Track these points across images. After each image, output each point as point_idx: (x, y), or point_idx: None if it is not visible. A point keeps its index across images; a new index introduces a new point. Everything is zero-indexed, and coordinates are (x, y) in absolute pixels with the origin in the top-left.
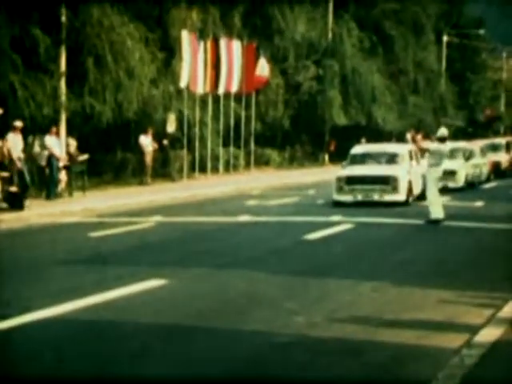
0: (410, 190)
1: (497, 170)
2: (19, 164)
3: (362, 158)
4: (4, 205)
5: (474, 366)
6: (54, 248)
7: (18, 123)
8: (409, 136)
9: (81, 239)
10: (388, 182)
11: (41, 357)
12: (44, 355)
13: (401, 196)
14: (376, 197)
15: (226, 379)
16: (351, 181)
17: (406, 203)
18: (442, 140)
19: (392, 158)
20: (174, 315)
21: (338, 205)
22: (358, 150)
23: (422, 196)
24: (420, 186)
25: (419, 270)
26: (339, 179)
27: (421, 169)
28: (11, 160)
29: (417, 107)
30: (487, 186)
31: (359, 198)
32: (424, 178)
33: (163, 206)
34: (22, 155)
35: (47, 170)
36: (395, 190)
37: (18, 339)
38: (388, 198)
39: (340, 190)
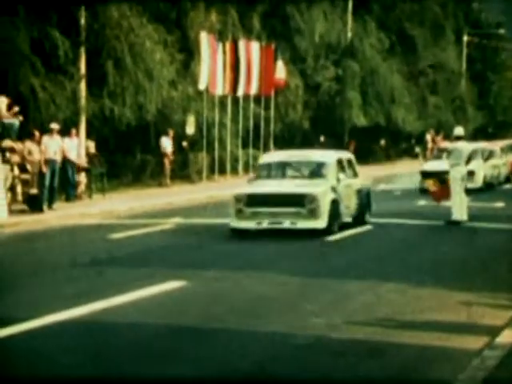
0: (334, 214)
1: None
2: (45, 168)
3: (274, 170)
4: (24, 207)
5: (495, 367)
6: (73, 250)
7: (54, 125)
8: (429, 137)
9: (100, 241)
10: (303, 202)
11: (58, 358)
12: (61, 357)
13: (320, 222)
14: (286, 223)
15: (244, 381)
16: (253, 201)
17: (327, 231)
18: (458, 138)
19: (315, 170)
20: (192, 317)
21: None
22: (269, 158)
23: (359, 218)
24: (354, 206)
25: (439, 272)
26: (238, 199)
27: (358, 182)
28: (35, 163)
29: (436, 108)
30: (507, 186)
31: (264, 224)
32: (360, 193)
33: (182, 207)
34: (57, 158)
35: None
36: (312, 213)
37: (37, 340)
38: (302, 224)
39: (239, 213)
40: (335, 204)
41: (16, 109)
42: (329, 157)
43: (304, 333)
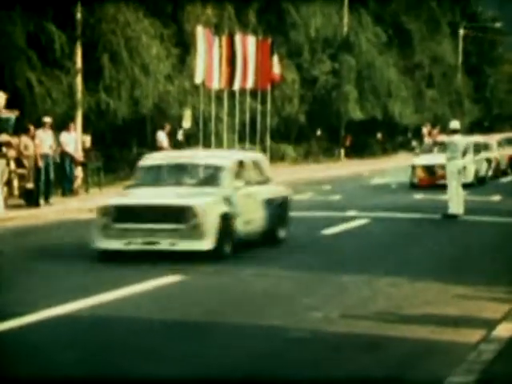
0: (226, 232)
1: None
2: (40, 162)
3: (155, 176)
4: (21, 201)
5: (491, 361)
6: (69, 244)
7: (47, 119)
8: (425, 130)
9: None
10: (183, 217)
11: (52, 353)
12: (54, 352)
13: (204, 242)
14: (164, 244)
15: (240, 376)
16: (123, 215)
17: (216, 255)
18: (454, 132)
19: (206, 176)
20: (189, 312)
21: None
22: (150, 160)
23: (268, 235)
24: (260, 220)
25: (436, 265)
26: (103, 212)
27: (268, 191)
28: (30, 157)
29: (433, 101)
30: (504, 180)
31: (134, 245)
32: (271, 204)
33: None
34: (50, 152)
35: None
36: (195, 231)
37: (31, 336)
38: (183, 245)
39: (105, 230)
40: (227, 219)
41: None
42: (225, 159)
43: (301, 327)
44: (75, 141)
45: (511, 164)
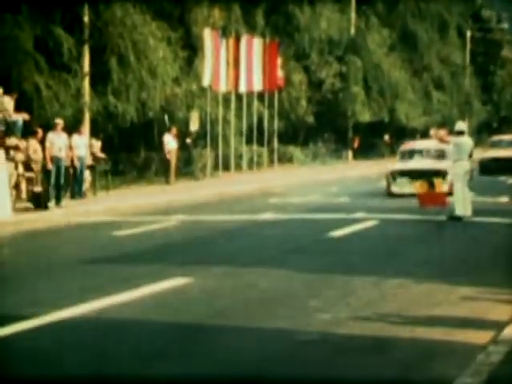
0: None
1: None
2: (50, 165)
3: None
4: (29, 205)
5: (500, 362)
6: (78, 247)
7: (59, 121)
8: (432, 132)
9: (105, 238)
10: None
11: (61, 356)
12: (64, 354)
13: None
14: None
15: (249, 378)
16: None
17: None
18: (460, 133)
19: None
20: (197, 314)
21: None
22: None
23: None
24: None
25: (444, 267)
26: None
27: None
28: (39, 160)
29: (441, 103)
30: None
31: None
32: None
33: (186, 204)
34: (62, 155)
35: (71, 170)
36: None
37: (43, 338)
38: None
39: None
40: None
41: (15, 95)
42: None
43: (308, 329)
44: (85, 144)
45: None
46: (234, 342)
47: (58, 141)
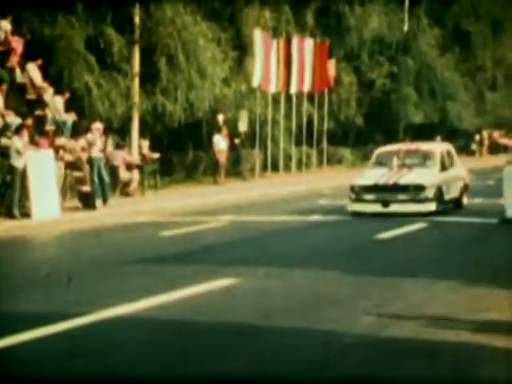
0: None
1: None
2: (90, 165)
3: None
4: (77, 204)
5: None
6: (126, 247)
7: (98, 125)
8: (485, 134)
9: (153, 238)
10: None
11: (114, 354)
12: (115, 353)
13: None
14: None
15: (293, 379)
16: None
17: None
18: None
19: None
20: (245, 314)
21: None
22: None
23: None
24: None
25: (495, 270)
26: None
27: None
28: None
29: (495, 104)
30: None
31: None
32: None
33: (235, 205)
34: (101, 155)
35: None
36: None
37: (89, 337)
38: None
39: None
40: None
41: (67, 95)
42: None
43: (355, 331)
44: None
45: None
46: (281, 342)
47: (98, 142)
